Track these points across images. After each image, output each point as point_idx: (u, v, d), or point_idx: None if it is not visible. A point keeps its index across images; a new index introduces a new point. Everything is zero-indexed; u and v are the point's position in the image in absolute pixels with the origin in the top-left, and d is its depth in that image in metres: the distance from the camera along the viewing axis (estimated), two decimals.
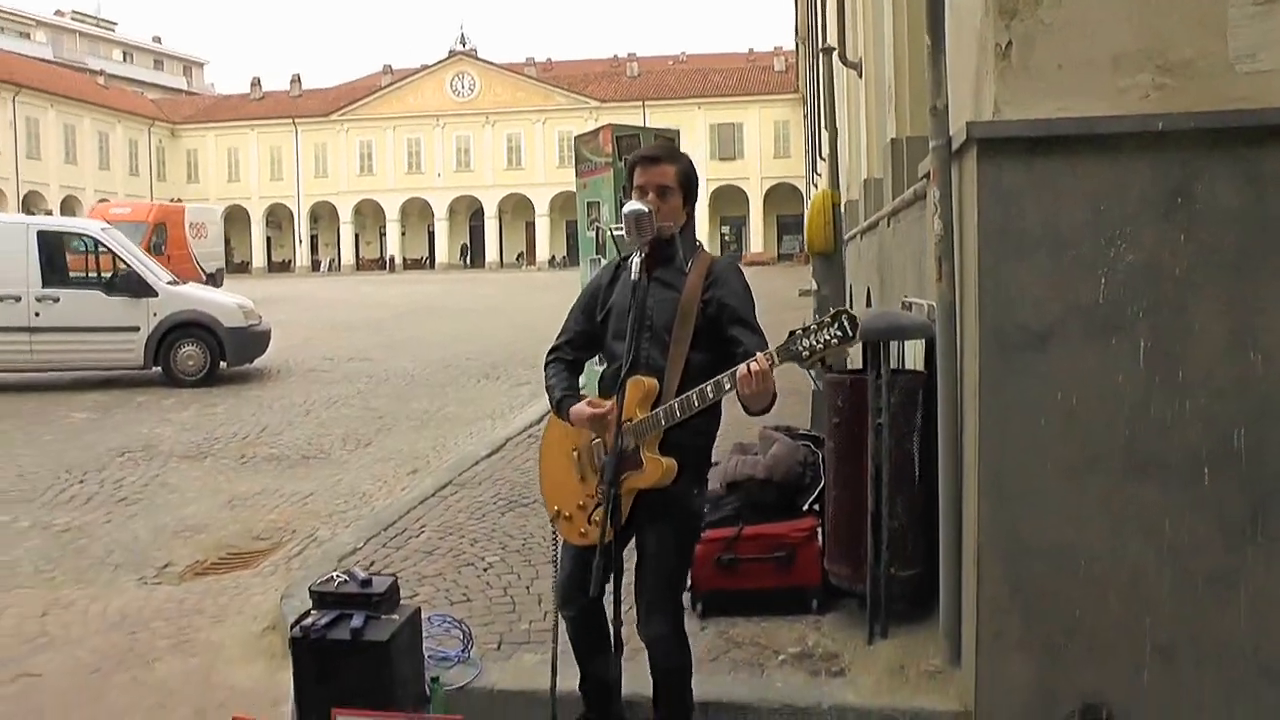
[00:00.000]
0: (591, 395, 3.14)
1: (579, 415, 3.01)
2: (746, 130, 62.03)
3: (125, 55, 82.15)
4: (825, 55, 11.48)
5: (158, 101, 70.55)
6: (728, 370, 2.72)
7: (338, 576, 3.75)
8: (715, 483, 4.56)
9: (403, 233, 66.63)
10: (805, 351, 2.59)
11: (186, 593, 5.24)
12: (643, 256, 2.96)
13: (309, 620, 3.54)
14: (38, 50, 69.27)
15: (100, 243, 13.50)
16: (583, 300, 3.24)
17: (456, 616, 4.20)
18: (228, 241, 44.35)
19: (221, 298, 14.46)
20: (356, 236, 67.51)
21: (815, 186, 23.27)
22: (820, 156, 18.47)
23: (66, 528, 6.45)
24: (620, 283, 3.10)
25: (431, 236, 66.98)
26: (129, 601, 5.10)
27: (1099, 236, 3.04)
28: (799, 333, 2.61)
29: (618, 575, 2.88)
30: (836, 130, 12.04)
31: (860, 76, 9.23)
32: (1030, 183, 3.09)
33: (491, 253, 65.08)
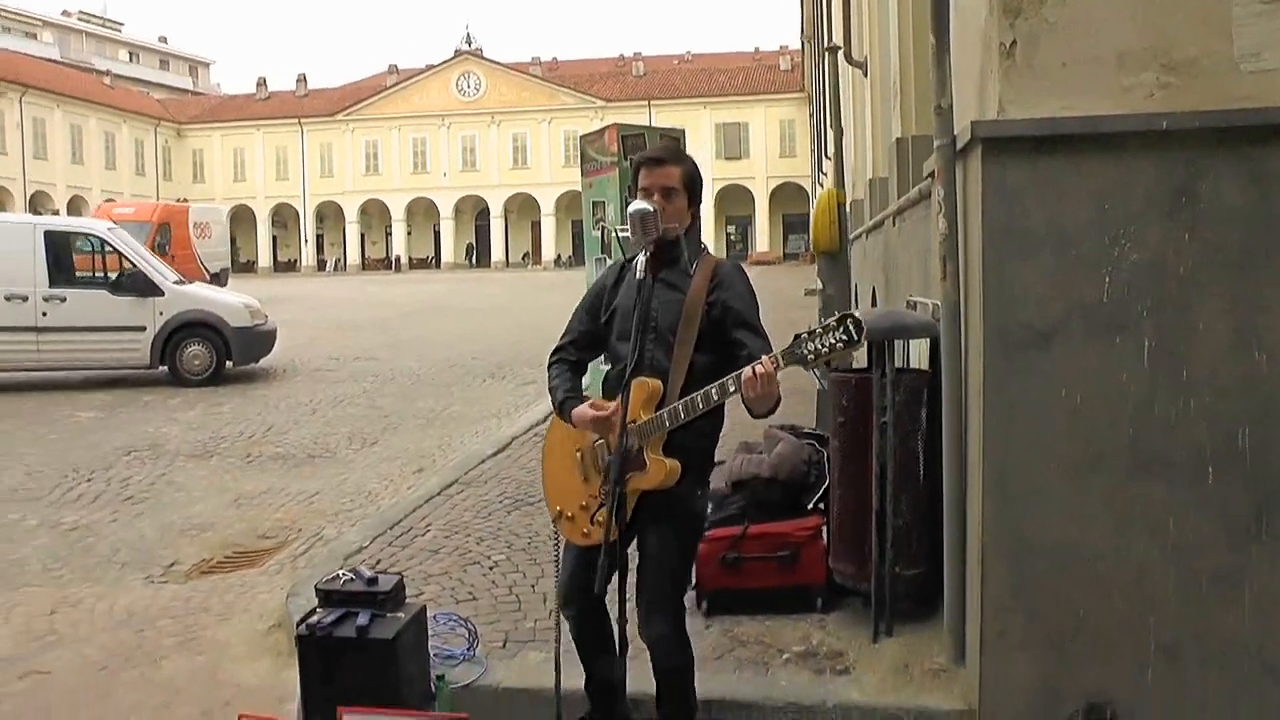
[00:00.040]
0: (595, 396, 3.15)
1: (581, 417, 3.01)
2: (752, 129, 62.00)
3: (131, 55, 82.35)
4: (831, 54, 11.50)
5: (164, 101, 70.71)
6: (732, 373, 2.73)
7: (344, 575, 3.75)
8: (720, 481, 4.57)
9: (408, 232, 66.70)
10: (810, 355, 2.60)
11: (193, 591, 5.26)
12: (647, 256, 2.96)
13: (315, 618, 3.54)
14: (44, 50, 69.52)
15: (107, 242, 13.53)
16: (587, 301, 3.24)
17: (462, 615, 4.21)
18: (234, 241, 44.48)
19: (228, 297, 14.47)
20: (362, 236, 67.61)
21: (821, 186, 23.26)
22: (826, 156, 18.44)
23: (74, 526, 6.48)
24: (625, 284, 3.11)
25: (437, 236, 67.03)
26: (136, 600, 5.12)
27: (1103, 235, 3.05)
28: (804, 336, 2.62)
29: (622, 574, 2.88)
30: (842, 129, 12.00)
31: (865, 75, 9.23)
32: (1034, 182, 3.10)
33: (497, 252, 65.15)
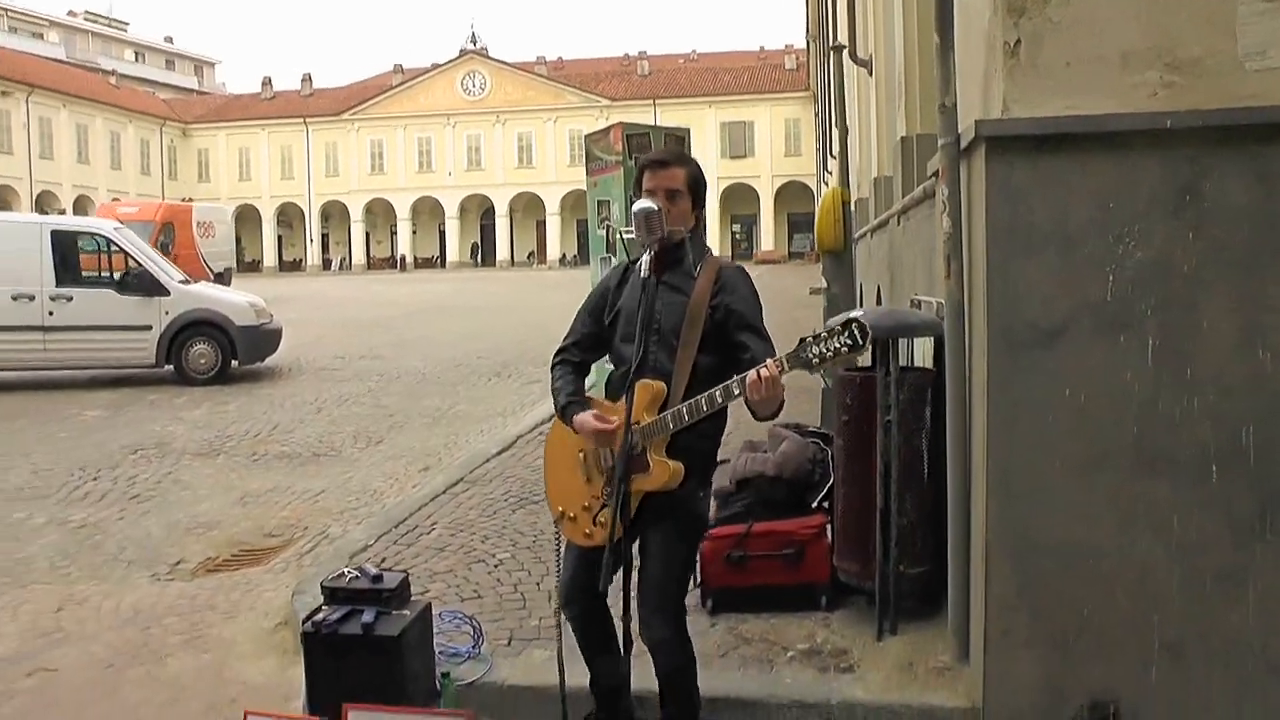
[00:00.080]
0: (599, 394, 3.16)
1: (583, 426, 2.99)
2: (757, 128, 62.02)
3: (137, 55, 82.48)
4: (836, 53, 11.51)
5: (169, 101, 70.89)
6: (737, 376, 2.74)
7: (349, 572, 3.77)
8: (725, 479, 4.58)
9: (414, 231, 66.79)
10: (815, 359, 2.61)
11: (199, 589, 5.28)
12: (652, 255, 2.96)
13: (320, 615, 3.56)
14: (51, 50, 69.64)
15: (113, 242, 13.58)
16: (591, 302, 3.24)
17: (467, 612, 4.23)
18: (239, 241, 44.50)
19: (233, 296, 14.51)
20: (367, 235, 67.72)
21: (826, 184, 23.23)
22: (831, 154, 18.42)
23: (81, 524, 6.50)
24: (629, 285, 3.11)
25: (442, 235, 67.12)
26: (142, 597, 5.14)
27: (1108, 234, 3.04)
28: (809, 340, 2.63)
29: (626, 571, 2.89)
30: (847, 128, 12.01)
31: (870, 74, 9.22)
32: (1039, 180, 3.09)
33: (502, 251, 65.22)
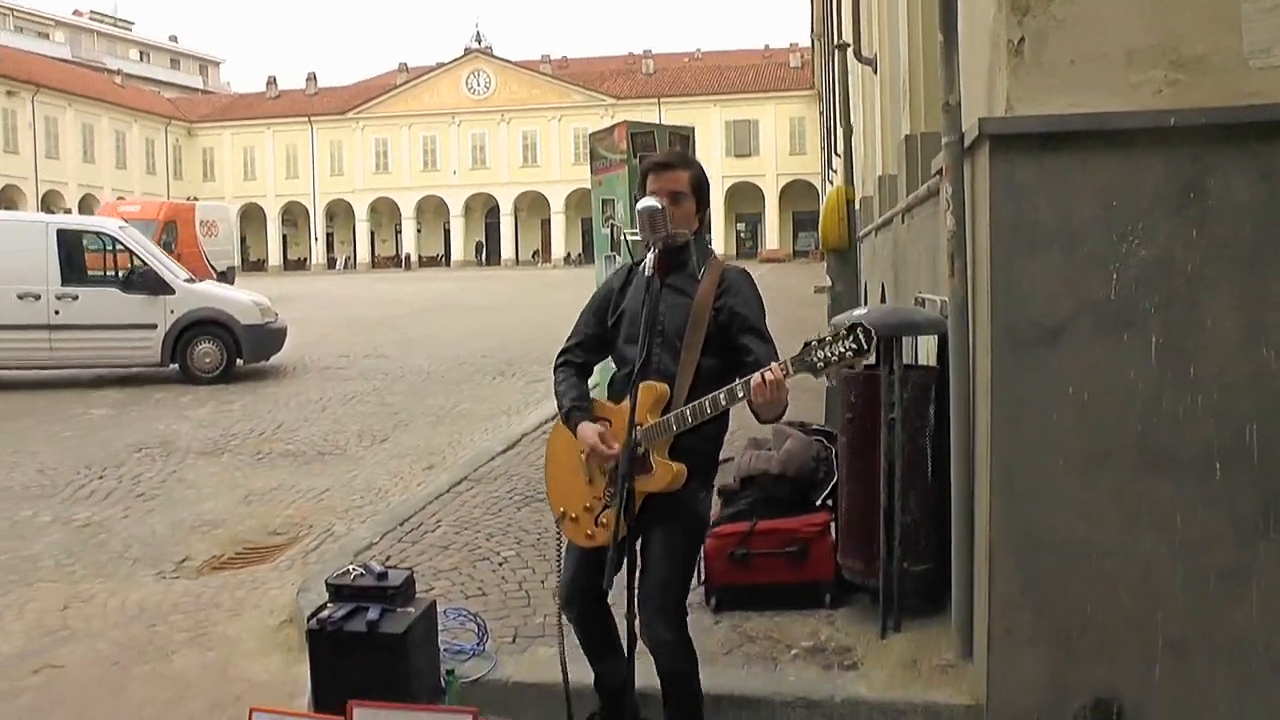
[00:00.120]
0: (601, 394, 3.16)
1: (584, 439, 2.98)
2: (762, 127, 61.99)
3: (142, 55, 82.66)
4: (840, 51, 11.50)
5: (174, 100, 71.03)
6: (741, 378, 2.74)
7: (354, 570, 3.78)
8: (729, 477, 4.59)
9: (418, 230, 66.85)
10: (819, 363, 2.62)
11: (204, 587, 5.29)
12: (656, 253, 2.96)
13: (325, 613, 3.57)
14: (56, 50, 69.82)
15: (118, 241, 13.61)
16: (594, 303, 3.24)
17: (472, 610, 4.23)
18: (244, 240, 44.52)
19: (238, 295, 14.52)
20: (372, 234, 67.78)
21: (831, 183, 23.21)
22: (836, 153, 18.43)
23: (86, 523, 6.52)
24: (633, 287, 3.11)
25: (447, 234, 67.17)
26: (147, 595, 5.15)
27: (1111, 232, 3.04)
28: (814, 344, 2.64)
29: (630, 568, 2.90)
30: (851, 127, 12.03)
31: (875, 73, 9.21)
32: (1042, 178, 3.10)
33: (507, 250, 65.23)
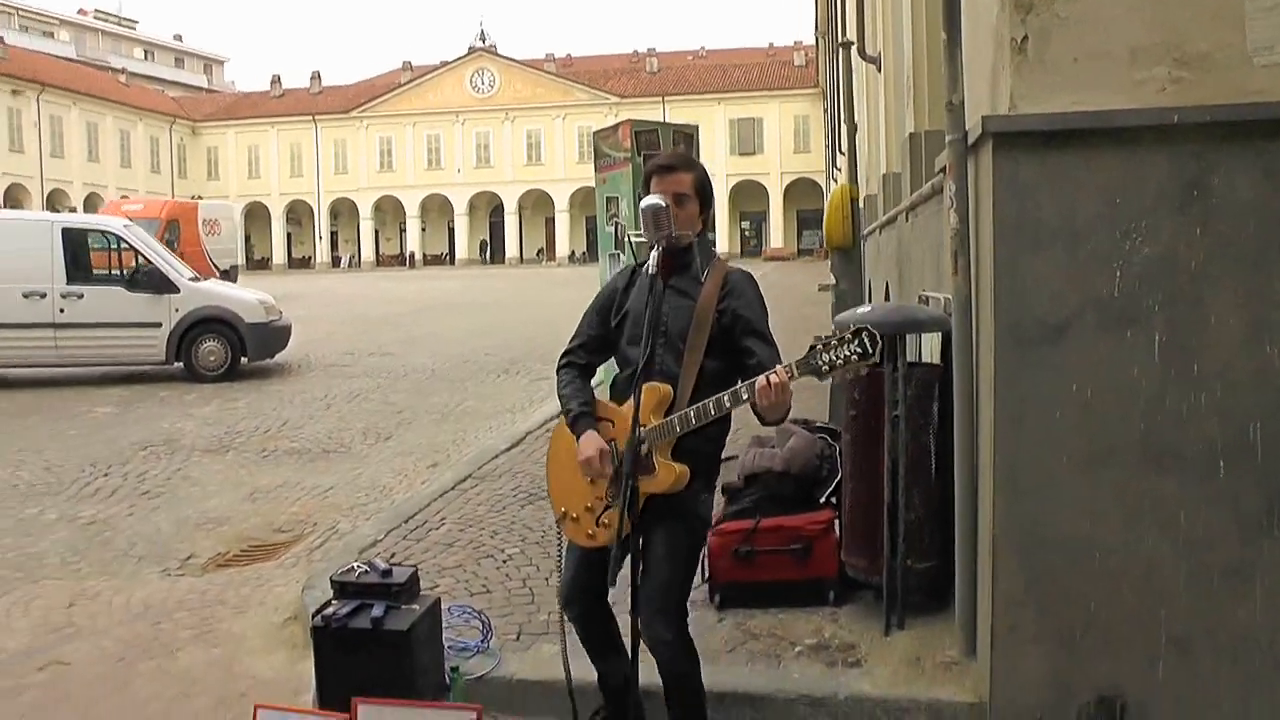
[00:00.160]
0: (604, 394, 3.16)
1: (584, 450, 2.97)
2: (766, 125, 61.96)
3: (147, 54, 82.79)
4: (844, 50, 11.51)
5: (179, 99, 71.10)
6: (745, 380, 2.75)
7: (359, 567, 3.79)
8: (733, 475, 4.59)
9: (423, 229, 66.89)
10: (825, 366, 2.63)
11: (209, 584, 5.31)
12: (659, 252, 2.94)
13: (330, 610, 3.58)
14: (61, 49, 69.97)
15: (123, 239, 13.61)
16: (597, 304, 3.24)
17: (476, 607, 4.24)
18: (248, 238, 44.54)
19: (243, 293, 14.54)
20: (376, 233, 67.83)
21: (835, 181, 23.20)
22: (840, 151, 18.42)
23: (92, 520, 6.54)
24: (637, 288, 3.11)
25: (451, 232, 67.20)
26: (153, 592, 5.17)
27: (1114, 230, 3.04)
28: (819, 347, 2.65)
29: (633, 565, 2.90)
30: (855, 125, 12.02)
31: (879, 71, 9.21)
32: (1046, 176, 3.10)
33: (511, 248, 65.28)
